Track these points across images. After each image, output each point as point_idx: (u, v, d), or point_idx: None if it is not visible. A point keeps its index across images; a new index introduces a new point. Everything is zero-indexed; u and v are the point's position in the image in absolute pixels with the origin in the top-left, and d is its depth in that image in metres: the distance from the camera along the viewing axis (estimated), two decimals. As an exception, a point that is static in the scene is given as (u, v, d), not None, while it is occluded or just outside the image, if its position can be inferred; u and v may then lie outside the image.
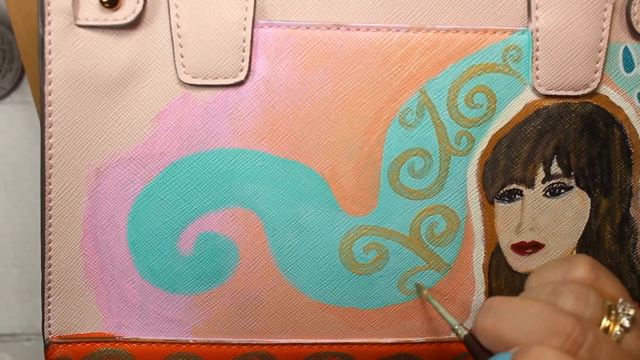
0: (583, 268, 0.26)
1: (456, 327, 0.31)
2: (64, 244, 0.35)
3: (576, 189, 0.36)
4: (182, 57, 0.33)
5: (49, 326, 0.37)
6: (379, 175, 0.35)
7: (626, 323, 0.24)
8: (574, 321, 0.23)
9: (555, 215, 0.36)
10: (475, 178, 0.35)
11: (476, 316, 0.26)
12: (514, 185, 0.36)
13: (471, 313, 0.38)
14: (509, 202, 0.36)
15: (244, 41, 0.33)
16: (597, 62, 0.34)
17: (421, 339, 0.38)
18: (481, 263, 0.37)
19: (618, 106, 0.35)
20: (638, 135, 0.36)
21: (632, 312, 0.24)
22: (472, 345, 0.28)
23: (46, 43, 0.33)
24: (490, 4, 0.34)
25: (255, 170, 0.34)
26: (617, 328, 0.24)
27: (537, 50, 0.34)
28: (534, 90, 0.34)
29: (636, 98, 0.35)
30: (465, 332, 0.30)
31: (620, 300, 0.25)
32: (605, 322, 0.24)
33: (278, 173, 0.35)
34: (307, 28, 0.33)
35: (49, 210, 0.35)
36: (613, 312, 0.24)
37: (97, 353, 0.37)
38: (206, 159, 0.34)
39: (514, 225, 0.36)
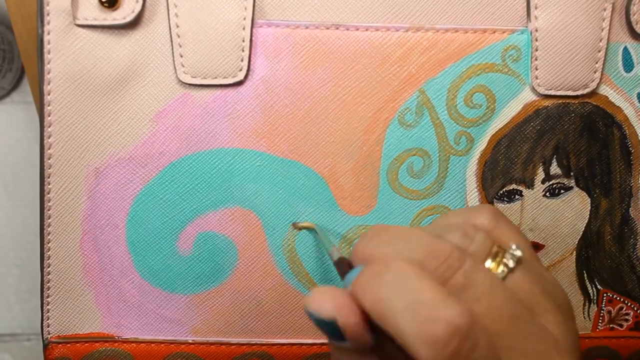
0: (484, 215, 0.25)
1: (330, 250, 0.29)
2: (63, 244, 0.35)
3: (576, 189, 0.36)
4: (182, 56, 0.33)
5: (48, 326, 0.37)
6: (378, 175, 0.35)
7: (510, 263, 0.23)
8: (453, 247, 0.22)
9: (555, 216, 0.36)
10: (475, 178, 0.35)
11: (356, 244, 0.24)
12: (514, 186, 0.36)
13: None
14: (508, 202, 0.36)
15: (243, 41, 0.33)
16: (597, 62, 0.34)
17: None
18: (481, 263, 0.37)
19: (617, 106, 0.35)
20: (638, 135, 0.36)
21: (519, 253, 0.23)
22: (340, 266, 0.27)
23: (45, 43, 0.33)
24: (490, 4, 0.34)
25: (255, 170, 0.34)
26: (501, 268, 0.23)
27: (537, 50, 0.34)
28: (533, 90, 0.34)
29: (636, 98, 0.35)
30: (339, 255, 0.28)
31: (513, 244, 0.24)
32: (489, 263, 0.23)
33: (277, 173, 0.35)
34: (306, 28, 0.33)
35: (48, 210, 0.35)
36: (500, 255, 0.23)
37: (96, 353, 0.37)
38: (205, 158, 0.34)
39: (514, 226, 0.36)
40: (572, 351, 0.23)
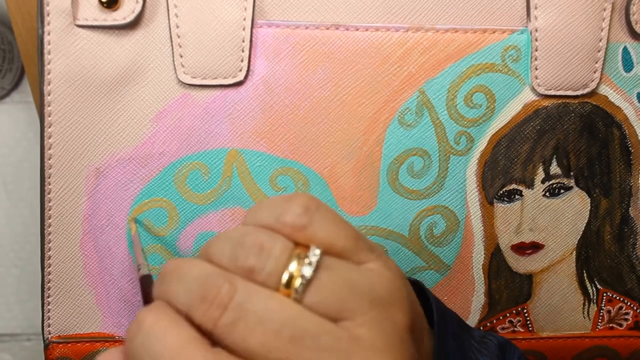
0: (294, 211, 0.23)
1: (140, 264, 0.29)
2: (63, 244, 0.35)
3: (576, 189, 0.36)
4: (182, 57, 0.33)
5: (49, 326, 0.37)
6: (378, 175, 0.35)
7: (307, 272, 0.21)
8: (223, 281, 0.21)
9: (555, 216, 0.36)
10: (475, 178, 0.35)
11: (157, 279, 0.23)
12: (514, 186, 0.36)
13: (470, 314, 0.38)
14: (508, 202, 0.36)
15: (243, 41, 0.33)
16: (597, 62, 0.34)
17: (421, 339, 0.38)
18: (481, 264, 0.37)
19: (617, 106, 0.35)
20: (637, 135, 0.36)
21: (314, 259, 0.22)
22: (144, 289, 0.26)
23: (45, 43, 0.33)
24: (489, 4, 0.34)
25: (255, 170, 0.35)
26: (299, 280, 0.21)
27: (536, 50, 0.34)
28: (533, 90, 0.34)
29: (635, 98, 0.35)
30: (146, 273, 0.27)
31: (312, 247, 0.22)
32: (292, 270, 0.21)
33: (277, 173, 0.35)
34: (306, 28, 0.33)
35: (49, 210, 0.35)
36: (301, 261, 0.22)
37: (97, 353, 0.37)
38: (205, 158, 0.34)
39: (514, 226, 0.36)
40: (382, 349, 0.21)
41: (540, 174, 0.36)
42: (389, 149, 0.35)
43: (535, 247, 0.37)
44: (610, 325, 0.38)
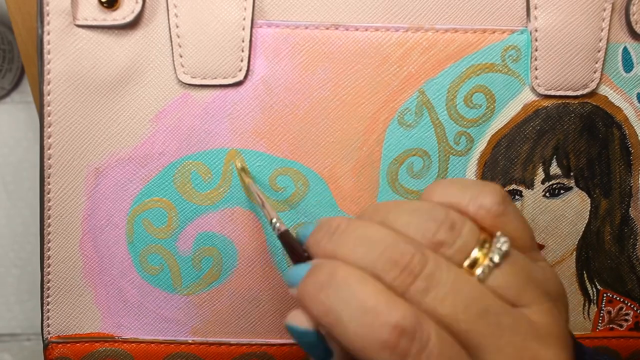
0: (492, 198, 0.24)
1: (274, 220, 0.28)
2: (63, 244, 0.35)
3: (576, 189, 0.36)
4: (181, 57, 0.33)
5: (48, 326, 0.37)
6: (378, 176, 0.35)
7: (496, 258, 0.22)
8: (413, 251, 0.22)
9: (555, 216, 0.36)
10: (475, 178, 0.35)
11: (316, 233, 0.24)
12: (514, 186, 0.36)
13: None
14: (508, 202, 0.36)
15: (243, 41, 0.33)
16: (597, 62, 0.34)
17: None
18: (480, 263, 0.37)
19: (617, 106, 0.35)
20: (637, 135, 0.36)
21: (505, 247, 0.23)
22: (289, 243, 0.26)
23: (45, 43, 0.33)
24: (489, 4, 0.34)
25: (254, 170, 0.34)
26: (486, 262, 0.22)
27: (536, 50, 0.34)
28: (533, 90, 0.34)
29: (635, 98, 0.35)
30: (283, 229, 0.27)
31: (498, 233, 0.23)
32: (475, 254, 0.23)
33: (277, 173, 0.35)
34: (306, 28, 0.33)
35: (48, 210, 0.35)
36: (487, 245, 0.23)
37: (96, 353, 0.37)
38: (205, 158, 0.34)
39: (514, 226, 0.36)
40: (557, 336, 0.23)
41: (540, 175, 0.36)
42: (389, 149, 0.35)
43: (535, 247, 0.37)
44: (611, 326, 0.38)
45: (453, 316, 0.21)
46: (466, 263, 0.23)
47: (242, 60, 0.33)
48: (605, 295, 0.38)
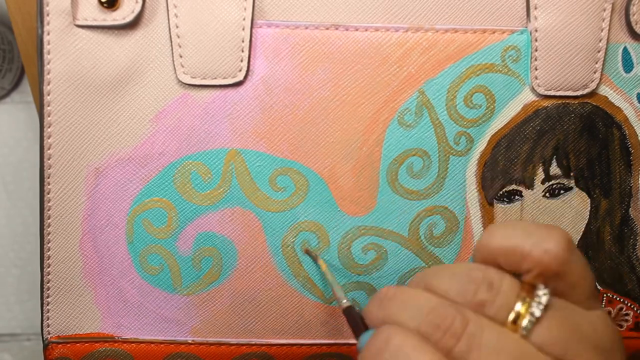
0: (558, 244, 0.24)
1: (339, 295, 0.31)
2: (63, 244, 0.35)
3: (576, 189, 0.36)
4: (181, 57, 0.33)
5: (48, 326, 0.37)
6: (377, 176, 0.35)
7: (537, 312, 0.23)
8: (454, 313, 0.23)
9: (555, 216, 0.36)
10: (475, 179, 0.35)
11: (368, 304, 0.26)
12: (514, 186, 0.36)
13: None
14: (508, 203, 0.36)
15: (243, 41, 0.33)
16: (597, 63, 0.34)
17: (420, 340, 0.38)
18: (480, 264, 0.37)
19: (617, 106, 0.35)
20: (637, 135, 0.36)
21: (544, 299, 0.23)
22: (352, 317, 0.28)
23: (45, 43, 0.33)
24: (489, 4, 0.34)
25: (254, 170, 0.34)
26: (528, 318, 0.23)
27: (536, 50, 0.34)
28: (533, 90, 0.34)
29: (635, 98, 0.35)
30: (347, 304, 0.29)
31: (540, 286, 0.23)
32: (518, 308, 0.23)
33: (277, 173, 0.35)
34: (306, 28, 0.33)
35: (48, 210, 0.35)
36: (528, 300, 0.23)
37: (96, 353, 0.37)
38: (205, 158, 0.34)
39: (514, 226, 0.36)
40: None
41: (540, 175, 0.36)
42: (389, 149, 0.35)
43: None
44: (611, 326, 0.38)
45: None
46: (510, 319, 0.23)
47: (242, 61, 0.33)
48: (605, 295, 0.38)
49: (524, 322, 0.23)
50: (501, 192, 0.36)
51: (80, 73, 0.33)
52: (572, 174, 0.36)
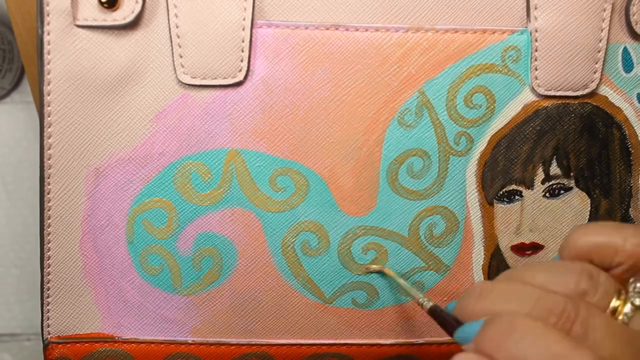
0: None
1: (420, 299, 0.31)
2: (63, 244, 0.35)
3: (576, 189, 0.36)
4: (181, 57, 0.33)
5: (48, 326, 0.37)
6: (377, 176, 0.35)
7: (636, 301, 0.24)
8: (565, 299, 0.23)
9: (555, 216, 0.36)
10: (475, 179, 0.35)
11: (463, 300, 0.26)
12: (514, 186, 0.36)
13: (470, 314, 0.38)
14: (508, 203, 0.36)
15: (243, 41, 0.33)
16: (597, 63, 0.34)
17: (421, 340, 0.38)
18: (480, 264, 0.37)
19: (617, 107, 0.35)
20: (637, 135, 0.36)
21: None
22: (440, 316, 0.28)
23: (45, 43, 0.33)
24: (489, 5, 0.34)
25: (254, 171, 0.34)
26: (628, 307, 0.24)
27: (536, 50, 0.34)
28: (533, 90, 0.34)
29: (635, 98, 0.35)
30: (430, 304, 0.30)
31: (631, 279, 0.25)
32: (614, 303, 0.24)
33: (277, 173, 0.35)
34: (306, 28, 0.33)
35: (48, 211, 0.35)
36: (623, 292, 0.24)
37: (96, 353, 0.37)
38: (205, 159, 0.34)
39: (514, 227, 0.36)
40: None
41: (540, 175, 0.36)
42: (389, 150, 0.35)
43: (535, 247, 0.37)
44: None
45: (612, 357, 0.22)
46: (611, 306, 0.24)
47: (242, 61, 0.33)
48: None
49: (626, 309, 0.24)
50: (501, 192, 0.36)
51: (80, 73, 0.33)
52: (572, 174, 0.36)
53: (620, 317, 0.24)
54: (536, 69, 0.34)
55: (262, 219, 0.35)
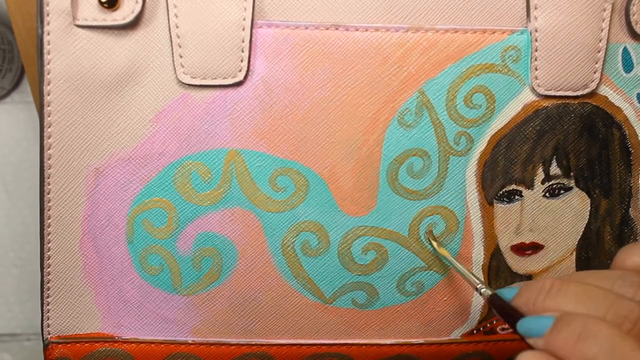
0: None
1: (478, 286, 0.30)
2: (63, 244, 0.35)
3: (576, 189, 0.36)
4: (181, 57, 0.33)
5: (48, 326, 0.37)
6: (377, 176, 0.35)
7: None
8: (637, 305, 0.23)
9: (555, 216, 0.36)
10: (475, 178, 0.35)
11: (529, 292, 0.26)
12: (513, 186, 0.36)
13: (470, 314, 0.38)
14: (508, 203, 0.36)
15: (243, 41, 0.33)
16: (597, 63, 0.34)
17: (420, 340, 0.38)
18: (480, 264, 0.37)
19: (617, 106, 0.35)
20: (637, 135, 0.36)
21: None
22: (499, 305, 0.28)
23: (45, 43, 0.33)
24: (489, 4, 0.34)
25: (254, 171, 0.34)
26: None
27: (536, 50, 0.34)
28: (533, 90, 0.34)
29: (635, 98, 0.35)
30: (490, 292, 0.29)
31: None
32: None
33: (277, 173, 0.35)
34: (306, 28, 0.33)
35: (48, 211, 0.35)
36: None
37: (96, 353, 0.37)
38: (205, 159, 0.34)
39: (514, 226, 0.36)
40: None
41: (540, 175, 0.36)
42: (389, 150, 0.35)
43: (535, 247, 0.37)
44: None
45: None
46: None
47: (242, 61, 0.33)
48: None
49: None
50: (501, 192, 0.36)
51: (80, 73, 0.33)
52: (572, 174, 0.36)
53: None
54: (536, 69, 0.34)
55: (262, 219, 0.35)
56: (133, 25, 0.33)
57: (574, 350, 0.23)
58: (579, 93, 0.34)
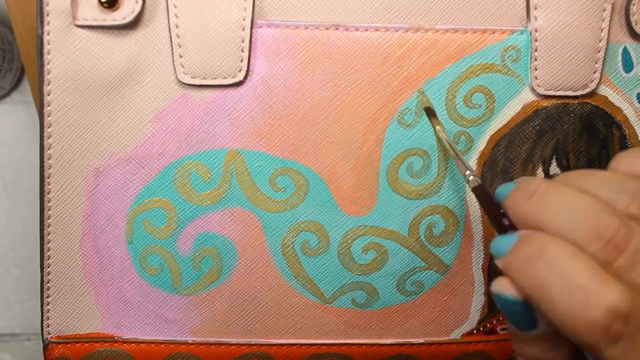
0: None
1: (467, 173, 0.29)
2: (63, 244, 0.35)
3: (575, 189, 0.36)
4: (181, 57, 0.33)
5: (48, 326, 0.37)
6: (377, 175, 0.35)
7: None
8: (619, 224, 0.21)
9: (555, 216, 0.36)
10: (475, 178, 0.35)
11: (515, 193, 0.23)
12: (513, 186, 0.36)
13: (470, 314, 0.38)
14: (508, 202, 0.36)
15: (243, 41, 0.33)
16: (596, 63, 0.34)
17: (420, 340, 0.38)
18: (480, 264, 0.37)
19: (617, 106, 0.35)
20: (637, 135, 0.36)
21: None
22: (482, 198, 0.26)
23: (45, 43, 0.33)
24: (489, 4, 0.34)
25: (254, 170, 0.35)
26: None
27: (536, 50, 0.34)
28: (533, 90, 0.34)
29: (635, 98, 0.35)
30: (478, 182, 0.27)
31: None
32: None
33: (277, 173, 0.35)
34: (306, 28, 0.33)
35: (48, 210, 0.35)
36: None
37: (96, 353, 0.37)
38: (205, 159, 0.34)
39: (514, 226, 0.36)
40: None
41: (540, 175, 0.36)
42: (389, 149, 0.35)
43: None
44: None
45: None
46: None
47: (242, 61, 0.33)
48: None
49: None
50: (501, 192, 0.36)
51: (80, 73, 0.33)
52: (572, 173, 0.36)
53: None
54: (536, 69, 0.34)
55: (262, 219, 0.35)
56: (133, 25, 0.33)
57: (525, 274, 0.21)
58: (579, 93, 0.34)
